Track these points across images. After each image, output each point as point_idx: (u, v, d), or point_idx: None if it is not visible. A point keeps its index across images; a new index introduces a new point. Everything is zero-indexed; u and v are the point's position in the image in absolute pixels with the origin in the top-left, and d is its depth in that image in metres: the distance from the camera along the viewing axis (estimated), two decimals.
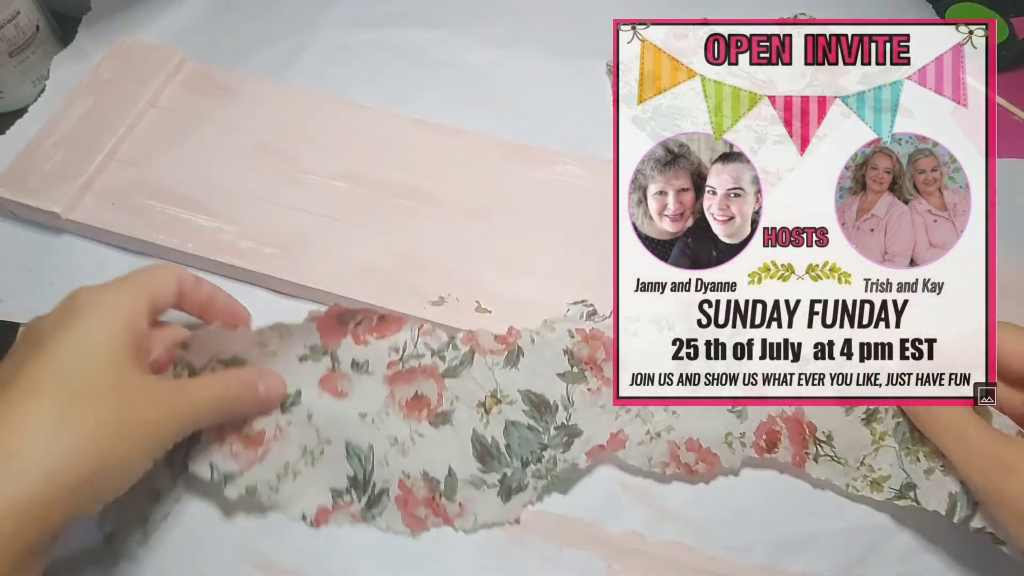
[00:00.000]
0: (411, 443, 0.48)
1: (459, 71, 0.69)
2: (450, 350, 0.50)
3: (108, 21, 0.70)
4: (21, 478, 0.35)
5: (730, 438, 0.49)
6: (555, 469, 0.48)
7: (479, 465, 0.48)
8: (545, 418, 0.49)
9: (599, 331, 0.50)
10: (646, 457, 0.48)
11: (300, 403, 0.47)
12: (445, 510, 0.47)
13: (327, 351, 0.49)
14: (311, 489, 0.47)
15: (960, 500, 0.45)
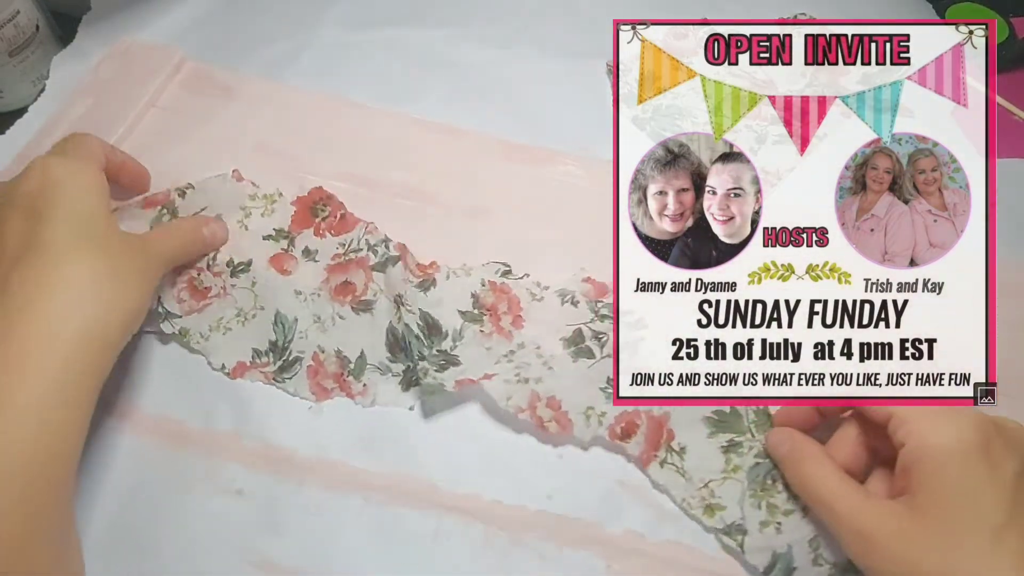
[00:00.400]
0: (331, 323, 0.53)
1: (459, 71, 0.69)
2: (382, 247, 0.55)
3: (108, 21, 0.70)
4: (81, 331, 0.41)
5: (590, 412, 0.50)
6: (423, 380, 0.50)
7: (388, 354, 0.53)
8: (432, 338, 0.52)
9: (508, 287, 0.54)
10: (506, 396, 0.50)
11: (249, 271, 0.54)
12: (350, 386, 0.52)
13: (288, 236, 0.56)
14: (236, 345, 0.53)
15: (780, 562, 0.46)
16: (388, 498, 0.49)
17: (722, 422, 0.50)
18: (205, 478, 0.49)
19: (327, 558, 0.47)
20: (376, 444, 0.51)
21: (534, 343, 0.52)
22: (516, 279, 0.55)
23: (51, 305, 0.41)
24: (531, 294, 0.54)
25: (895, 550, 0.40)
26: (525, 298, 0.54)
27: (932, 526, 0.39)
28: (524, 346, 0.52)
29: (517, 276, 0.55)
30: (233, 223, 0.56)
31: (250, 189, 0.57)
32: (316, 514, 0.48)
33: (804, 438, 0.47)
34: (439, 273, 0.54)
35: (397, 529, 0.48)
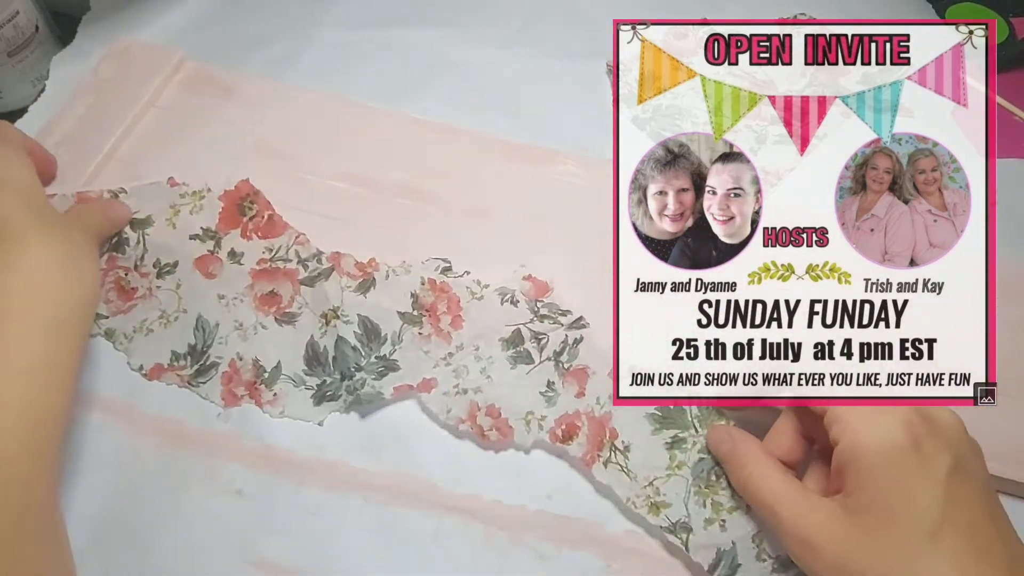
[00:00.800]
0: (253, 332, 0.53)
1: (459, 71, 0.69)
2: (314, 262, 0.55)
3: (108, 21, 0.70)
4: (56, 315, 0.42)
5: (530, 417, 0.50)
6: (360, 390, 0.50)
7: (305, 367, 0.53)
8: (371, 345, 0.52)
9: (448, 285, 0.54)
10: (445, 408, 0.51)
11: (174, 273, 0.54)
12: (260, 395, 0.52)
13: (215, 236, 0.55)
14: (156, 347, 0.53)
15: (725, 559, 0.46)
16: (388, 498, 0.49)
17: (665, 418, 0.50)
18: (204, 478, 0.49)
19: (327, 558, 0.47)
20: (376, 444, 0.51)
21: (473, 344, 0.53)
22: (456, 276, 0.55)
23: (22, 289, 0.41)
24: (471, 292, 0.54)
25: (837, 555, 0.40)
26: (465, 297, 0.54)
27: (870, 530, 0.40)
28: (463, 347, 0.52)
29: (458, 273, 0.55)
30: (162, 222, 0.56)
31: (181, 189, 0.57)
32: (316, 514, 0.48)
33: (744, 436, 0.47)
34: (378, 272, 0.54)
35: (397, 529, 0.48)
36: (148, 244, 0.54)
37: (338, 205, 0.58)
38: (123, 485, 0.48)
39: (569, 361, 0.52)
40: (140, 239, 0.54)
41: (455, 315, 0.53)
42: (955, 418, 0.43)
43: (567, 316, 0.53)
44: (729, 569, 0.46)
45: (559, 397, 0.51)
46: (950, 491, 0.39)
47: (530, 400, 0.51)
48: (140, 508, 0.48)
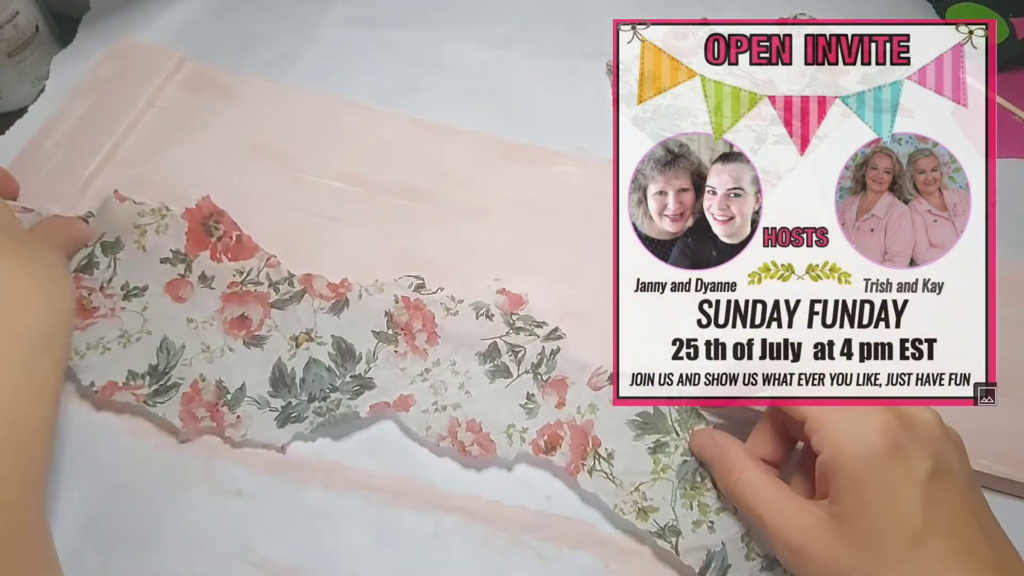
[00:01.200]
0: (220, 354, 0.52)
1: (459, 71, 0.69)
2: (285, 285, 0.54)
3: (107, 21, 0.70)
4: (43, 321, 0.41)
5: (511, 430, 0.50)
6: (335, 411, 0.50)
7: (270, 388, 0.51)
8: (346, 365, 0.52)
9: (422, 303, 0.53)
10: (425, 425, 0.50)
11: (142, 296, 0.53)
12: (222, 416, 0.50)
13: (185, 259, 0.54)
14: (111, 366, 0.51)
15: (716, 561, 0.46)
16: (388, 498, 0.49)
17: (646, 423, 0.50)
18: (204, 478, 0.49)
19: (326, 558, 0.47)
20: (376, 444, 0.51)
21: (450, 359, 0.52)
22: (430, 293, 0.54)
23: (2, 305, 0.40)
24: (445, 308, 0.53)
25: (825, 562, 0.40)
26: (440, 313, 0.53)
27: (855, 538, 0.40)
28: (439, 363, 0.52)
29: (431, 290, 0.54)
30: (131, 244, 0.54)
31: (135, 207, 0.54)
32: (315, 514, 0.48)
33: (727, 440, 0.47)
34: (351, 292, 0.54)
35: (396, 530, 0.48)
36: (118, 268, 0.53)
37: (337, 205, 0.58)
38: (123, 485, 0.48)
39: (548, 372, 0.52)
40: (111, 263, 0.53)
41: (430, 332, 0.53)
42: (933, 415, 0.43)
43: (543, 328, 0.53)
44: (720, 571, 0.46)
45: (540, 408, 0.51)
46: (931, 494, 0.40)
47: (510, 413, 0.51)
48: (140, 508, 0.48)
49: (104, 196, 0.55)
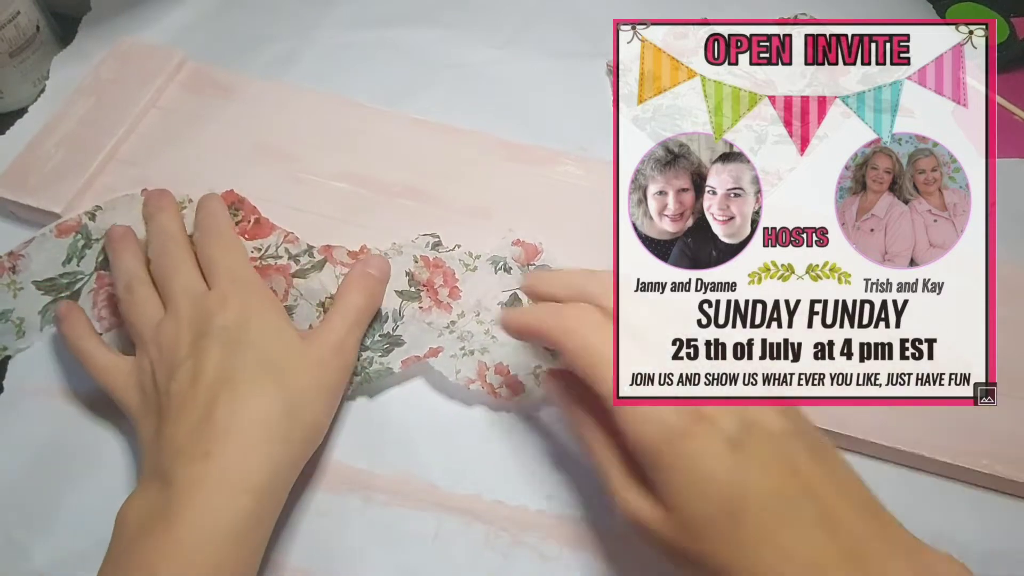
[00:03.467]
0: None
1: (459, 71, 0.69)
2: (305, 256, 0.55)
3: (108, 21, 0.70)
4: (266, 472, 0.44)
5: (538, 371, 0.51)
6: (369, 368, 0.51)
7: None
8: (373, 325, 0.53)
9: (441, 260, 0.55)
10: (454, 369, 0.51)
11: None
12: None
13: None
14: None
15: None
16: (389, 499, 0.49)
17: None
18: None
19: (328, 558, 0.47)
20: (377, 444, 0.51)
21: (474, 311, 0.54)
22: (448, 251, 0.56)
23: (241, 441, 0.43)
24: (464, 264, 0.55)
25: (667, 547, 0.39)
26: (459, 269, 0.55)
27: (680, 523, 0.39)
28: (464, 315, 0.54)
29: (448, 248, 0.56)
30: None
31: None
32: (317, 514, 0.48)
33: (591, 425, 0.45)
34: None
35: (398, 530, 0.48)
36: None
37: (339, 205, 0.58)
38: (125, 484, 0.49)
39: None
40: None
41: (452, 286, 0.54)
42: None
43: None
44: None
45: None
46: (738, 464, 0.38)
47: (536, 355, 0.52)
48: None
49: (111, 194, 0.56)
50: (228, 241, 0.53)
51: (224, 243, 0.52)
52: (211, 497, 0.41)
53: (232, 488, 0.42)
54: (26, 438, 0.51)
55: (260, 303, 0.49)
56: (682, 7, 0.73)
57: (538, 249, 0.56)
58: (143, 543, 0.40)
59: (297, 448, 0.46)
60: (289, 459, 0.45)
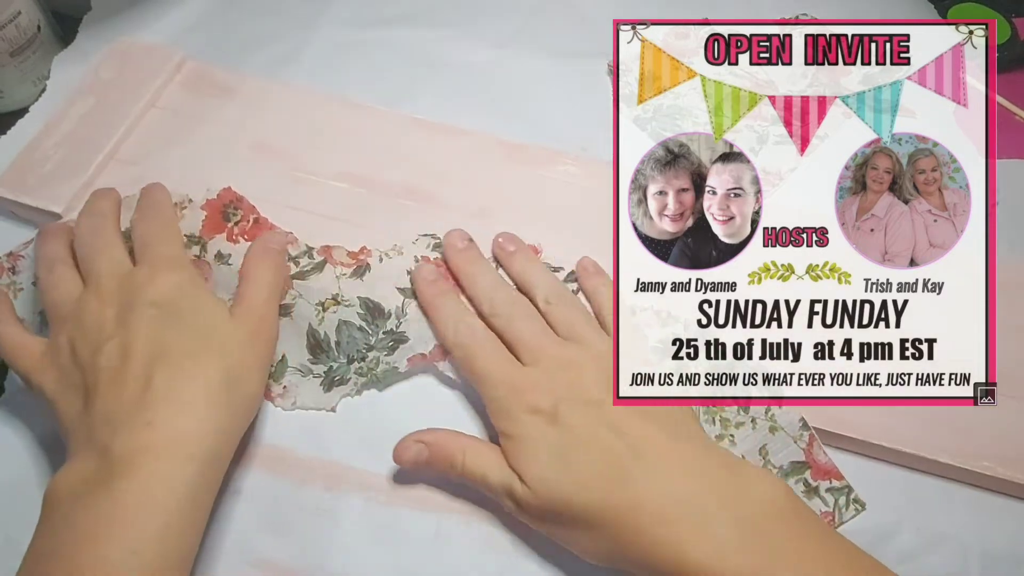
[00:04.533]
0: None
1: (460, 71, 0.69)
2: (305, 258, 0.54)
3: (109, 21, 0.70)
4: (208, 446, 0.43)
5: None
6: (376, 369, 0.51)
7: (309, 356, 0.53)
8: (377, 322, 0.52)
9: (442, 260, 0.55)
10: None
11: None
12: (270, 389, 0.52)
13: (200, 241, 0.54)
14: None
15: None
16: (388, 498, 0.49)
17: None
18: None
19: (327, 558, 0.47)
20: (377, 443, 0.51)
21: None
22: None
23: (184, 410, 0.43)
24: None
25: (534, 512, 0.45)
26: None
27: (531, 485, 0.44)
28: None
29: None
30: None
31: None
32: (316, 514, 0.48)
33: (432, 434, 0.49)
34: (371, 257, 0.55)
35: (397, 530, 0.48)
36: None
37: (338, 205, 0.58)
38: None
39: None
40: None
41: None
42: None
43: (560, 272, 0.54)
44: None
45: None
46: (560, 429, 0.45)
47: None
48: None
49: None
50: (164, 223, 0.52)
51: (160, 224, 0.52)
52: (157, 464, 0.41)
53: (178, 455, 0.41)
54: (26, 438, 0.50)
55: (190, 282, 0.48)
56: (683, 7, 0.73)
57: (537, 250, 0.56)
58: (83, 513, 0.40)
59: (239, 417, 0.46)
60: (232, 427, 0.45)
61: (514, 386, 0.47)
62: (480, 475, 0.46)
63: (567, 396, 0.45)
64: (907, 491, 0.51)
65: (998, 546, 0.49)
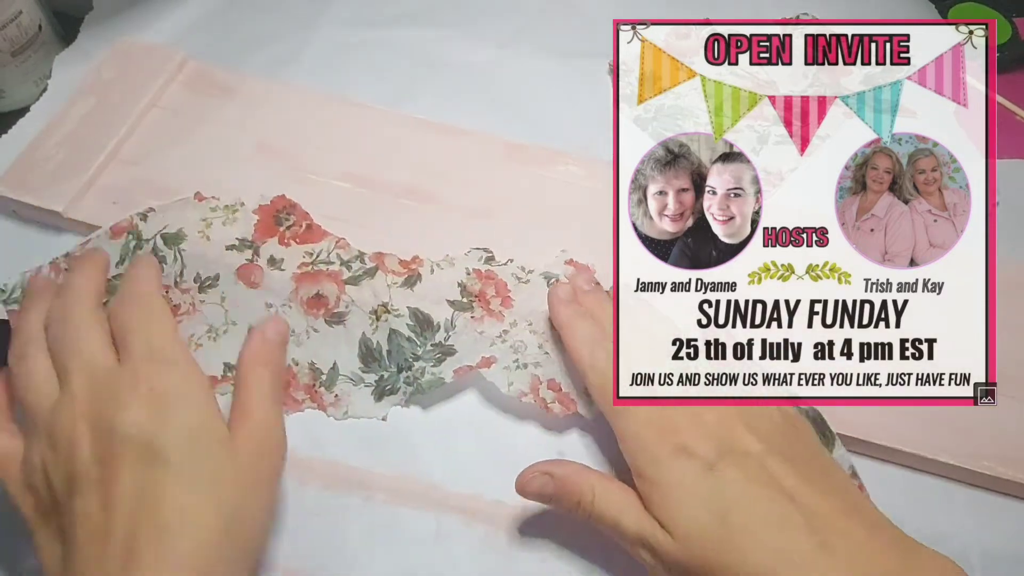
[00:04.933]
0: (306, 336, 0.53)
1: (461, 71, 0.69)
2: (357, 263, 0.55)
3: (110, 21, 0.70)
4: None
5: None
6: (421, 379, 0.51)
7: (361, 365, 0.53)
8: (425, 334, 0.53)
9: (494, 272, 0.55)
10: (507, 381, 0.51)
11: (217, 286, 0.54)
12: (322, 397, 0.52)
13: (252, 245, 0.55)
14: (207, 360, 0.52)
15: None
16: (389, 498, 0.49)
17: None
18: None
19: (327, 558, 0.47)
20: (377, 443, 0.51)
21: (527, 320, 0.53)
22: (500, 265, 0.55)
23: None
24: (516, 278, 0.55)
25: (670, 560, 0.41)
26: (511, 282, 0.55)
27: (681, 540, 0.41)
28: (517, 324, 0.53)
29: (501, 262, 0.55)
30: (194, 234, 0.54)
31: (212, 203, 0.56)
32: (316, 513, 0.48)
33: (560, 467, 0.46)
34: (423, 267, 0.55)
35: (398, 529, 0.48)
36: (185, 259, 0.54)
37: (340, 205, 0.58)
38: None
39: None
40: (177, 255, 0.54)
41: (504, 296, 0.54)
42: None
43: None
44: None
45: None
46: (718, 480, 0.41)
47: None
48: None
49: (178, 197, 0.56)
50: (150, 306, 0.46)
51: (144, 308, 0.46)
52: None
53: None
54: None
55: (182, 385, 0.42)
56: (685, 7, 0.73)
57: (591, 270, 0.55)
58: None
59: (240, 562, 0.40)
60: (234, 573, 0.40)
61: (660, 424, 0.44)
62: (611, 519, 0.43)
63: (726, 442, 0.43)
64: (907, 491, 0.51)
65: (998, 546, 0.49)
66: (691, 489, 0.41)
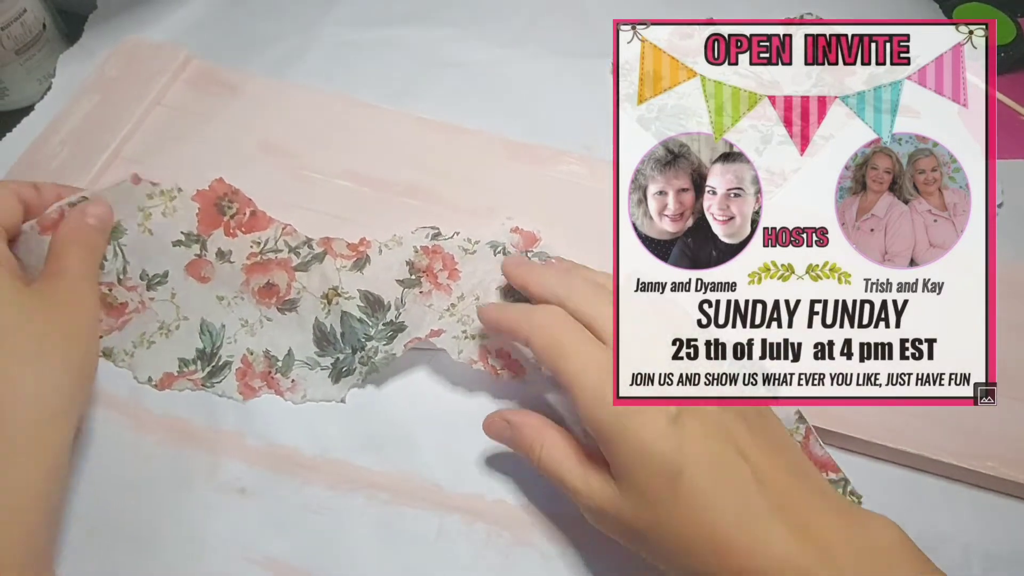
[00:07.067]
0: (259, 325, 0.54)
1: (464, 70, 0.69)
2: (305, 248, 0.55)
3: (114, 19, 0.70)
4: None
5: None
6: (375, 358, 0.52)
7: (316, 349, 0.54)
8: (377, 315, 0.53)
9: (440, 247, 0.55)
10: (457, 349, 0.51)
11: (166, 283, 0.54)
12: (278, 384, 0.53)
13: (199, 239, 0.54)
14: (161, 358, 0.53)
15: None
16: (391, 497, 0.49)
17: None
18: (207, 476, 0.49)
19: (329, 557, 0.47)
20: (379, 443, 0.51)
21: (473, 294, 0.53)
22: (447, 239, 0.56)
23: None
24: (463, 250, 0.55)
25: (618, 519, 0.42)
26: (458, 254, 0.55)
27: (629, 491, 0.41)
28: (464, 297, 0.54)
29: (447, 236, 0.56)
30: (133, 227, 0.52)
31: (148, 189, 0.52)
32: (319, 513, 0.48)
33: (520, 416, 0.47)
34: (371, 249, 0.55)
35: (400, 528, 0.48)
36: (127, 255, 0.52)
37: (342, 203, 0.59)
38: (125, 482, 0.49)
39: None
40: (117, 250, 0.52)
41: (451, 269, 0.54)
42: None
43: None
44: None
45: None
46: (677, 431, 0.41)
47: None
48: (142, 505, 0.48)
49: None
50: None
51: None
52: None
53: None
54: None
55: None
56: (686, 7, 0.73)
57: (536, 237, 0.56)
58: None
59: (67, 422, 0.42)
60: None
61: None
62: (554, 471, 0.44)
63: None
64: (909, 491, 0.51)
65: (1000, 546, 0.49)
66: (649, 439, 0.41)
